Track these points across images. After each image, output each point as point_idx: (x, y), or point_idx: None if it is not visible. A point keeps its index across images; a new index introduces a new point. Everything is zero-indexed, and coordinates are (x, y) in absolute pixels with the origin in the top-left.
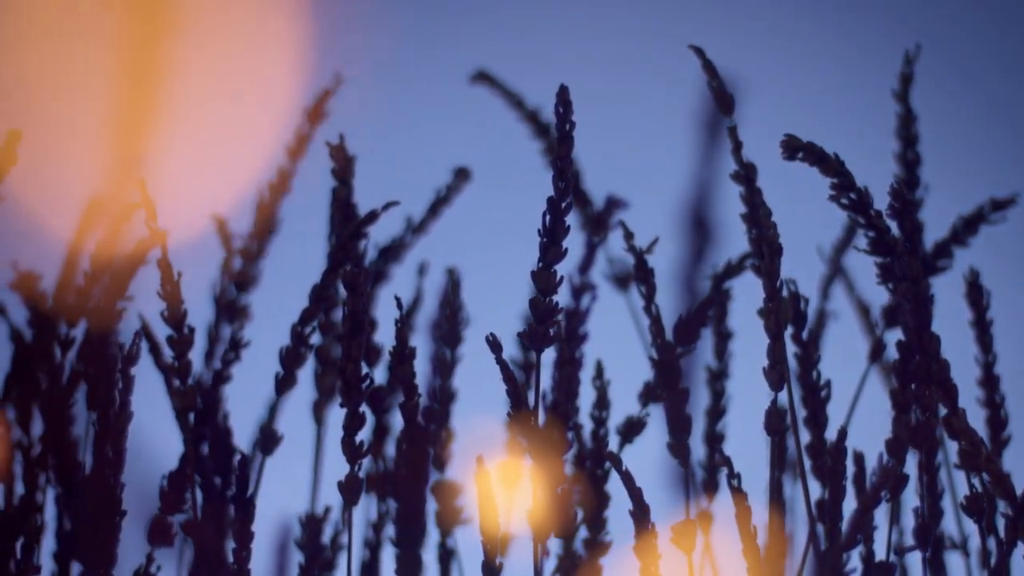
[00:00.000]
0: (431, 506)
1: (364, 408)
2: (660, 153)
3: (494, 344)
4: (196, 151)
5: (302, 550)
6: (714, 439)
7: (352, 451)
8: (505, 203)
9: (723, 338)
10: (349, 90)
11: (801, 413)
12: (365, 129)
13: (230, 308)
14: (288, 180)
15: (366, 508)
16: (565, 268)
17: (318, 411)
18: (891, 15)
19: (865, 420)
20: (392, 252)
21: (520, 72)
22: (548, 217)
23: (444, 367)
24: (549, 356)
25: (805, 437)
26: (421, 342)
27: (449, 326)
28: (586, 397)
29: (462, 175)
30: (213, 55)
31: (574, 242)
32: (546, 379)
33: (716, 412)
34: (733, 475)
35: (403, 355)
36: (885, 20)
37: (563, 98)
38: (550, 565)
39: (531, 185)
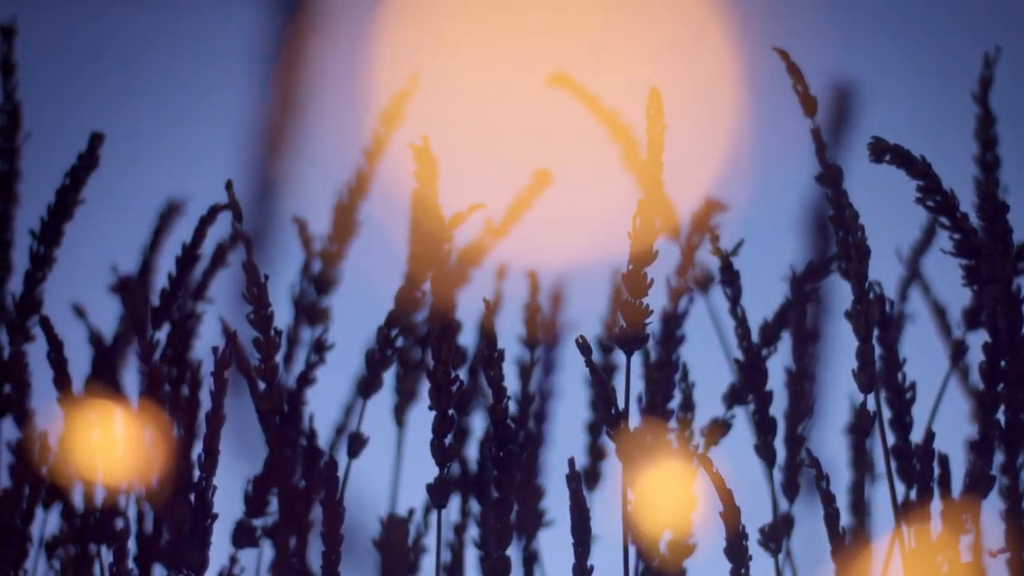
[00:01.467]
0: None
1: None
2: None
3: (584, 347)
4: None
5: (383, 552)
6: (795, 441)
7: (441, 453)
8: (582, 205)
9: (803, 340)
10: (426, 92)
11: (885, 415)
12: (442, 131)
13: (310, 310)
14: (367, 182)
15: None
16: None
17: (399, 413)
18: (970, 16)
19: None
20: (472, 255)
21: (599, 75)
22: (637, 220)
23: (526, 371)
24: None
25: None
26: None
27: (530, 330)
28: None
29: (542, 178)
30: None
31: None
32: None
33: (797, 414)
34: (821, 476)
35: (491, 358)
36: (964, 22)
37: (654, 101)
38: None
39: (608, 187)
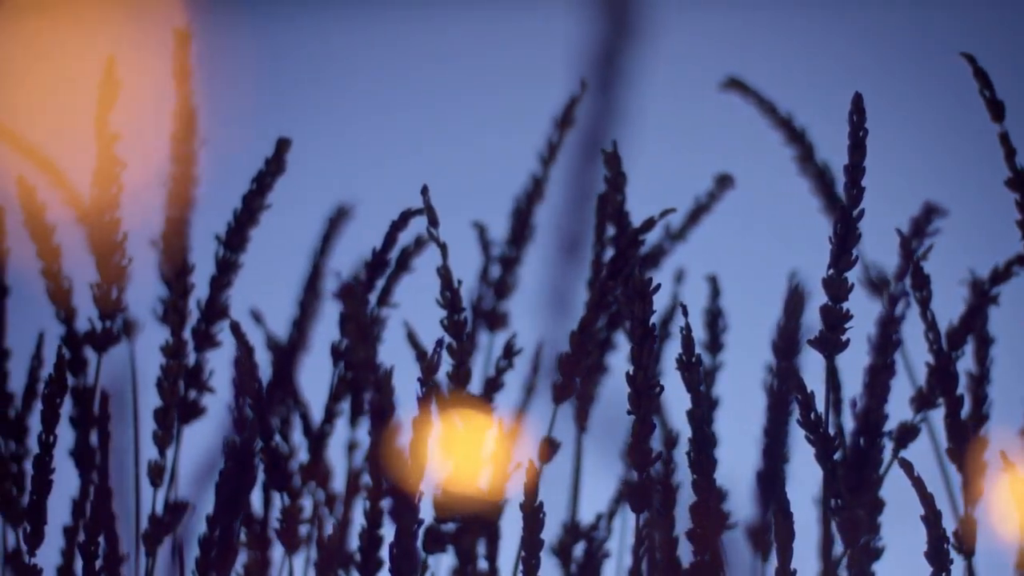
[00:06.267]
0: None
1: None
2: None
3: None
4: (457, 160)
5: (561, 557)
6: (978, 444)
7: (642, 457)
8: (754, 208)
9: (984, 343)
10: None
11: None
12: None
13: (489, 315)
14: (543, 187)
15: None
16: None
17: (581, 418)
18: None
19: None
20: (651, 259)
21: (770, 78)
22: (839, 225)
23: (705, 374)
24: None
25: None
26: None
27: (709, 333)
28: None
29: (725, 182)
30: (472, 69)
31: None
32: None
33: (978, 418)
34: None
35: (689, 363)
36: None
37: (857, 105)
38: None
39: (778, 191)
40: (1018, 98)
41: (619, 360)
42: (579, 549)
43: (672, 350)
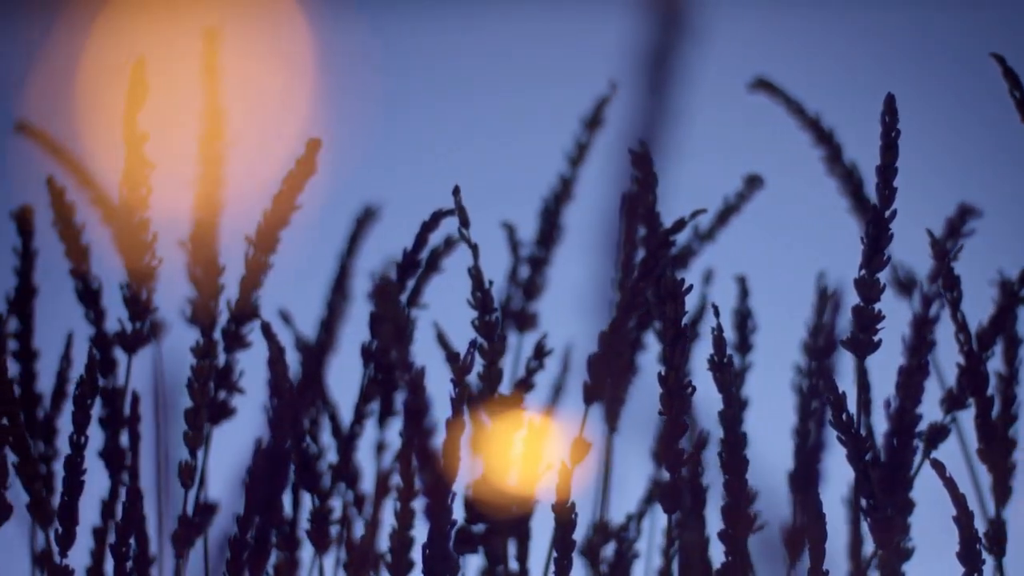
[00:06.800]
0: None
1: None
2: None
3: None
4: (481, 159)
5: (590, 558)
6: (1006, 444)
7: (674, 458)
8: (782, 209)
9: (1013, 344)
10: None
11: None
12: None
13: (518, 316)
14: (571, 187)
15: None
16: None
17: (611, 418)
18: None
19: None
20: (680, 260)
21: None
22: (871, 226)
23: (734, 375)
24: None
25: None
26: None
27: (738, 334)
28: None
29: (754, 183)
30: (495, 70)
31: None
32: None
33: (1006, 419)
34: None
35: (721, 363)
36: None
37: (889, 107)
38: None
39: (806, 191)
40: None
41: (649, 360)
42: (609, 549)
43: (700, 351)
